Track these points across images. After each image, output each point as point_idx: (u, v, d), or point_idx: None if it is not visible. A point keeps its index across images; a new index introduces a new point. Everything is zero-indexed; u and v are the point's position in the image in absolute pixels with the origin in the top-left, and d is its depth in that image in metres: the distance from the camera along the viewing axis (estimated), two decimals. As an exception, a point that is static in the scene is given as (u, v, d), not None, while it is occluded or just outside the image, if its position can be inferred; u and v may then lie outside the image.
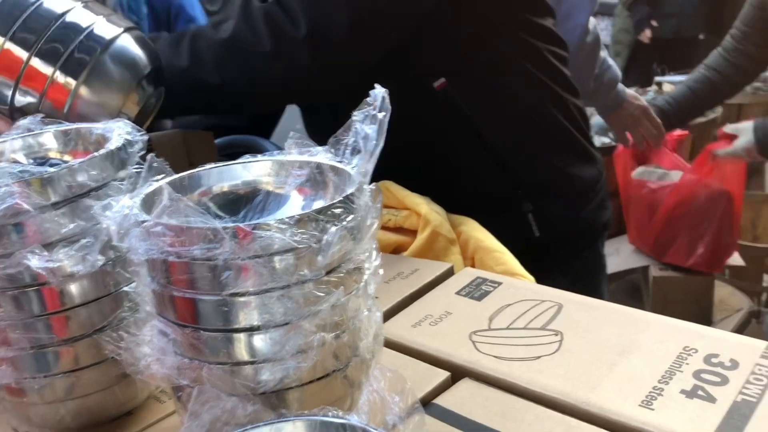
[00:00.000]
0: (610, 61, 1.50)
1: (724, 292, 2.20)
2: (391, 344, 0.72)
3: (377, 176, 1.01)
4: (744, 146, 1.76)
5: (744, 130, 1.77)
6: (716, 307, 2.10)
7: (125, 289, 0.60)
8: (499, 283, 0.82)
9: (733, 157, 1.82)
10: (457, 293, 0.81)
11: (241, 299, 0.50)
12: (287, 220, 0.49)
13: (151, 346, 0.54)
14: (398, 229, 1.00)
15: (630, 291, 2.30)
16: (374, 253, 0.58)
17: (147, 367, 0.54)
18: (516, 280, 0.84)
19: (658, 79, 3.26)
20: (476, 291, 0.81)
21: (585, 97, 2.07)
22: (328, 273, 0.52)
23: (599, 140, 2.54)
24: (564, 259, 1.19)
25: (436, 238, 0.95)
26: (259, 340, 0.51)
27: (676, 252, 2.05)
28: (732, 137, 1.81)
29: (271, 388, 0.52)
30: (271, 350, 0.51)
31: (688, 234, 2.00)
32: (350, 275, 0.54)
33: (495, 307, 0.77)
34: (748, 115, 2.92)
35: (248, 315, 0.50)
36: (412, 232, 0.98)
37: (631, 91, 1.69)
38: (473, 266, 0.94)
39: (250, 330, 0.51)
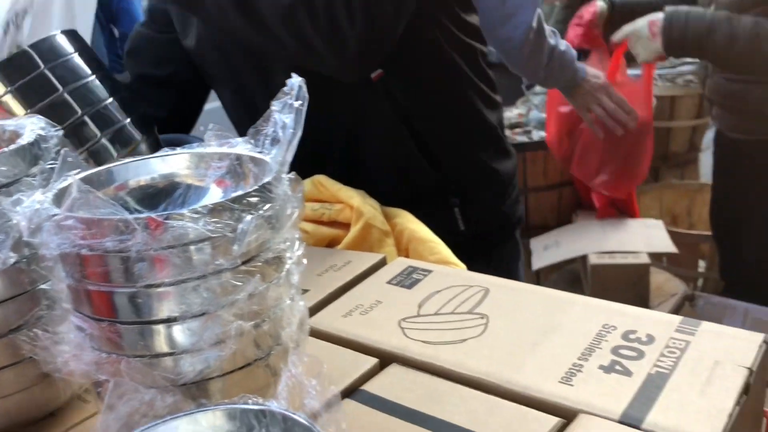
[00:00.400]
0: (563, 45, 1.49)
1: (660, 279, 2.27)
2: (321, 335, 0.73)
3: (309, 169, 1.02)
4: (646, 21, 1.70)
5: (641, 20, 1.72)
6: (653, 293, 2.17)
7: (42, 287, 0.58)
8: (430, 271, 0.83)
9: (632, 36, 1.75)
10: (389, 282, 0.82)
11: (157, 290, 0.50)
12: (200, 209, 0.49)
13: (68, 343, 0.53)
14: (332, 223, 1.01)
15: (570, 280, 2.36)
16: (297, 243, 0.59)
17: (65, 364, 0.53)
18: (446, 268, 0.86)
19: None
20: (407, 279, 0.82)
21: (539, 84, 2.08)
22: (245, 262, 0.52)
23: (537, 134, 2.59)
24: (486, 251, 1.22)
25: (370, 230, 0.96)
26: (177, 332, 0.51)
27: (583, 167, 2.07)
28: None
29: (192, 379, 0.52)
30: (189, 341, 0.51)
31: (599, 155, 2.02)
32: (269, 265, 0.54)
33: (424, 294, 0.78)
34: (681, 109, 3.02)
35: (164, 306, 0.50)
36: (346, 226, 0.99)
37: (591, 69, 1.69)
38: (407, 257, 0.95)
39: (167, 321, 0.51)
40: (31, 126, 0.61)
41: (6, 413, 0.60)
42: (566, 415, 0.58)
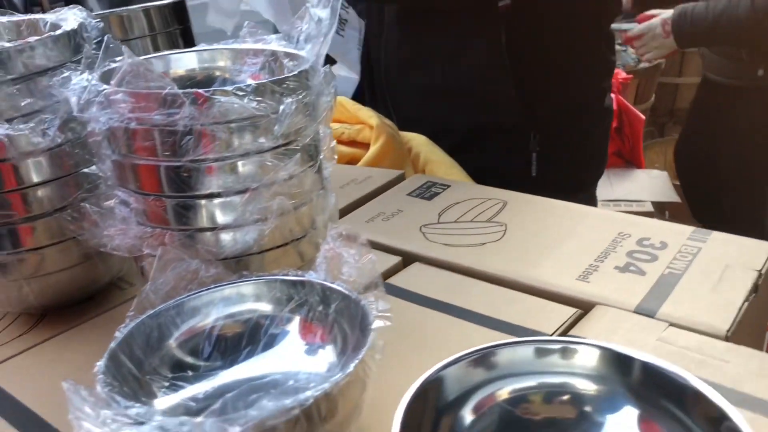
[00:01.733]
0: None
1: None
2: (344, 237, 0.75)
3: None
4: (660, 20, 1.81)
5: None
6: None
7: (85, 170, 0.61)
8: (448, 186, 0.85)
9: (648, 34, 1.83)
10: (409, 194, 0.84)
11: (202, 165, 0.52)
12: (245, 87, 0.51)
13: (114, 218, 0.56)
14: (351, 143, 1.03)
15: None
16: (329, 138, 0.61)
17: (110, 239, 0.56)
18: (465, 183, 0.88)
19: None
20: (426, 192, 0.84)
21: None
22: (284, 145, 0.54)
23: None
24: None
25: (389, 149, 0.98)
26: (220, 207, 0.53)
27: None
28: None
29: (233, 253, 0.54)
30: (231, 216, 0.54)
31: None
32: (306, 151, 0.56)
33: (444, 205, 0.81)
34: (689, 65, 3.01)
35: (208, 181, 0.52)
36: (365, 145, 1.01)
37: None
38: (424, 177, 0.97)
39: (211, 196, 0.53)
40: (73, 16, 0.63)
41: (47, 291, 0.63)
42: (583, 306, 0.61)
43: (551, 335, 0.57)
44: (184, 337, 0.50)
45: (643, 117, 2.33)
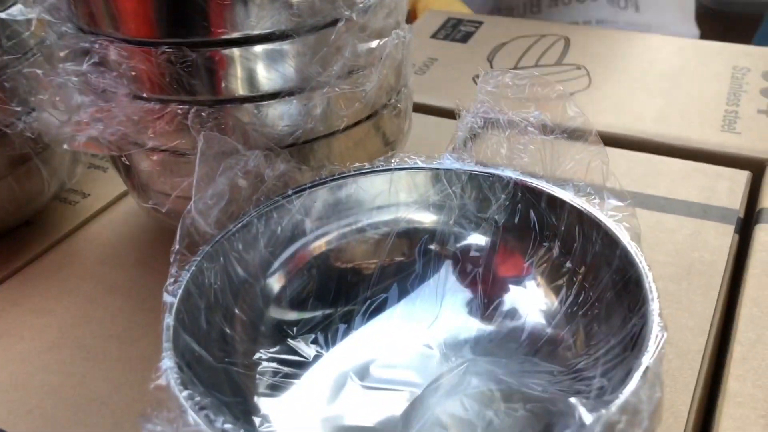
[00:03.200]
0: None
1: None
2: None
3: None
4: None
5: None
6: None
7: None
8: (481, 22, 0.65)
9: None
10: (433, 37, 0.63)
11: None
12: None
13: (85, 92, 0.32)
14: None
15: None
16: None
17: (80, 129, 0.33)
18: (500, 18, 0.68)
19: None
20: (455, 32, 0.64)
21: None
22: None
23: None
24: None
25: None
26: (278, 55, 0.31)
27: None
28: None
29: (300, 135, 0.33)
30: (297, 74, 0.32)
31: None
32: None
33: (488, 47, 0.61)
34: None
35: (260, 14, 0.30)
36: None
37: None
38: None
39: (266, 39, 0.31)
40: None
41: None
42: (752, 167, 0.45)
43: (739, 211, 0.41)
44: (282, 284, 0.29)
45: None
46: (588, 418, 0.18)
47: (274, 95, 0.32)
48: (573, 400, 0.19)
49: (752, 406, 0.29)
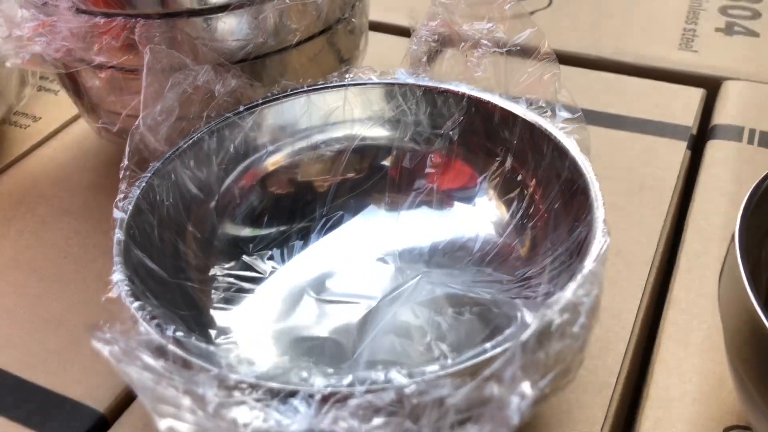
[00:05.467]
0: None
1: None
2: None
3: None
4: None
5: None
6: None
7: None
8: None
9: None
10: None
11: None
12: None
13: (25, 6, 0.31)
14: None
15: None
16: None
17: (21, 44, 0.32)
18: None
19: None
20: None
21: None
22: None
23: None
24: None
25: None
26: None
27: None
28: None
29: (252, 50, 0.32)
30: (249, -15, 0.31)
31: None
32: None
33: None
34: None
35: None
36: None
37: None
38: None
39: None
40: None
41: None
42: (707, 84, 0.46)
43: (692, 128, 0.42)
44: (236, 201, 0.29)
45: None
46: (529, 317, 0.18)
47: (223, 7, 0.32)
48: (516, 301, 0.19)
49: (695, 312, 0.31)
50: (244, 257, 0.30)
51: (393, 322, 0.26)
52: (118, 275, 0.23)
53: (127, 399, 0.28)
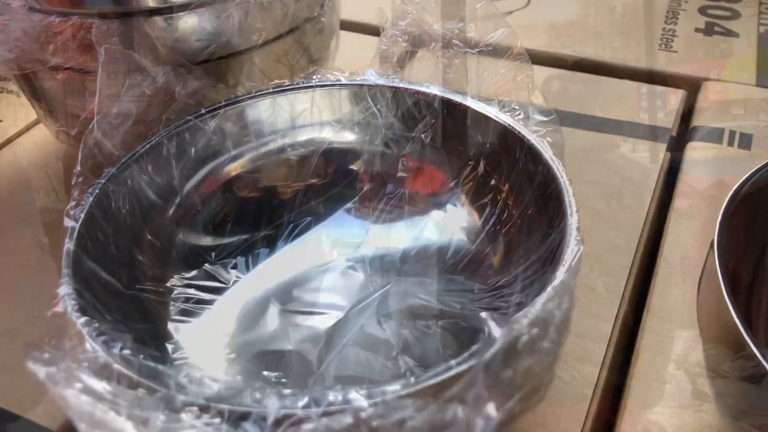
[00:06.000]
0: None
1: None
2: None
3: None
4: None
5: None
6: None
7: None
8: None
9: None
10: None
11: None
12: None
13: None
14: None
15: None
16: None
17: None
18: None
19: None
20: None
21: None
22: None
23: None
24: None
25: None
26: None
27: None
28: None
29: (214, 50, 0.31)
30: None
31: None
32: None
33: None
34: None
35: None
36: None
37: None
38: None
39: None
40: None
41: None
42: (687, 85, 0.45)
43: (671, 129, 0.41)
44: (196, 208, 0.28)
45: None
46: (496, 331, 0.17)
47: (184, 6, 0.30)
48: (483, 315, 0.18)
49: (674, 320, 0.30)
50: (206, 266, 0.28)
51: (360, 334, 0.25)
52: (65, 288, 0.22)
53: (82, 416, 0.27)
